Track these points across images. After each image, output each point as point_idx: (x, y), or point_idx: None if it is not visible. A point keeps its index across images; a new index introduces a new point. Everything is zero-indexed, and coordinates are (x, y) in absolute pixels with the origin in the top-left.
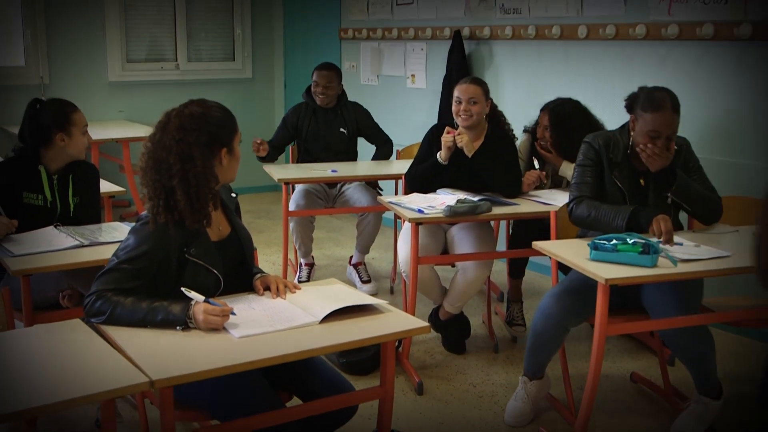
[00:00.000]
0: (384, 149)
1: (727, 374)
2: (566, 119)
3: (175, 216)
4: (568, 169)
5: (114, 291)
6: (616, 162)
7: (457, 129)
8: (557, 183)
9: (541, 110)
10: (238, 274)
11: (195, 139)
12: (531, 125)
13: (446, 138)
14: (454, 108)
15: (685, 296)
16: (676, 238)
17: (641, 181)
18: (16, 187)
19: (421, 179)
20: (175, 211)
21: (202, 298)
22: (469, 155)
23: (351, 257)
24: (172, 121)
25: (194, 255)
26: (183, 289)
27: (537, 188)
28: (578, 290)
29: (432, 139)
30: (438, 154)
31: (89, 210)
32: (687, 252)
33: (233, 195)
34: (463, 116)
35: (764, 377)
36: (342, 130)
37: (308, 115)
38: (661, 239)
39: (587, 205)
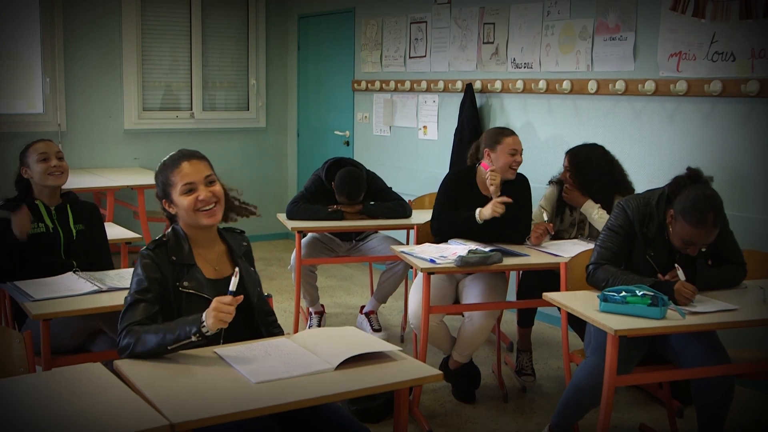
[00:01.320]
0: (401, 203)
1: (734, 426)
2: (585, 160)
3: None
4: (590, 209)
5: (137, 323)
6: (650, 237)
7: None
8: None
9: (565, 154)
10: (243, 316)
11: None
12: (557, 176)
13: (496, 203)
14: (506, 160)
15: (715, 343)
16: None
17: (676, 257)
18: None
19: (450, 230)
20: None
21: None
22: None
23: (362, 306)
24: None
25: (187, 287)
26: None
27: (556, 238)
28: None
29: (453, 187)
30: (478, 211)
31: (97, 240)
32: (695, 305)
33: (245, 243)
34: (514, 167)
35: None
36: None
37: (326, 198)
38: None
39: (604, 271)
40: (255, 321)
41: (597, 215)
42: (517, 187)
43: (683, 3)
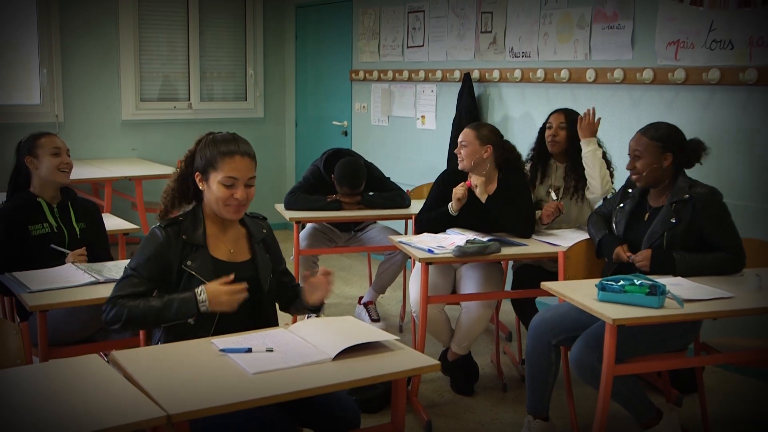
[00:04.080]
0: (399, 194)
1: (730, 414)
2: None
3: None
4: (591, 144)
5: (126, 297)
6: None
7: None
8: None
9: (552, 113)
10: (251, 302)
11: (188, 158)
12: (530, 153)
13: (458, 190)
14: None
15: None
16: (675, 280)
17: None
18: (22, 223)
19: (430, 226)
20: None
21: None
22: (482, 199)
23: (361, 297)
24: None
25: (190, 267)
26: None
27: (557, 218)
28: (557, 307)
29: (443, 184)
30: (449, 205)
31: (97, 238)
32: (689, 292)
33: (264, 230)
34: (458, 158)
35: None
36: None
37: (324, 189)
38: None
39: (590, 218)
40: (261, 309)
41: (594, 151)
42: (512, 182)
43: None
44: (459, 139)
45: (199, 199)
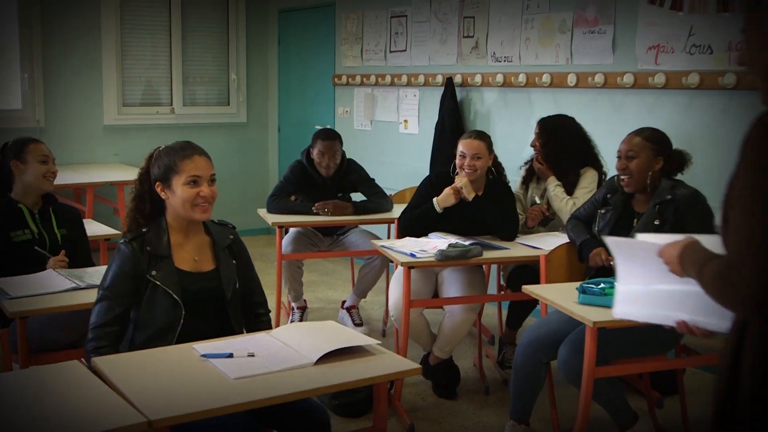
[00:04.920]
0: (386, 199)
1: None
2: (554, 129)
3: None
4: (550, 183)
5: (106, 325)
6: (608, 202)
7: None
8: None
9: (537, 122)
10: (216, 310)
11: (145, 172)
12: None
13: (451, 189)
14: (458, 161)
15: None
16: None
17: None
18: (3, 229)
19: (414, 224)
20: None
21: None
22: (470, 198)
23: (344, 301)
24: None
25: (155, 277)
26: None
27: (542, 223)
28: (550, 323)
29: (430, 186)
30: (435, 200)
31: (78, 245)
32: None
33: (231, 237)
34: (467, 171)
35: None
36: (339, 194)
37: (308, 182)
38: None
39: (570, 221)
40: (228, 316)
41: (553, 190)
42: (497, 188)
43: None
44: (471, 152)
45: (161, 212)
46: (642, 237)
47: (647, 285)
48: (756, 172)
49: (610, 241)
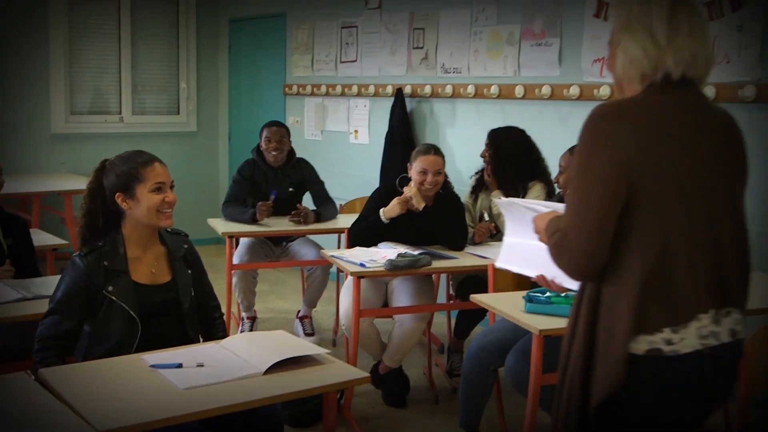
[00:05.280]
0: (330, 210)
1: None
2: (504, 141)
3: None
4: (494, 196)
5: (53, 337)
6: None
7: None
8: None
9: (487, 134)
10: (174, 321)
11: (98, 185)
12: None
13: (398, 200)
14: (418, 178)
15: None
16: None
17: None
18: None
19: (363, 236)
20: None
21: None
22: (420, 207)
23: (299, 311)
24: (97, 169)
25: (111, 292)
26: None
27: (490, 238)
28: (497, 331)
29: (379, 198)
30: (381, 211)
31: (25, 255)
32: None
33: (185, 246)
34: (428, 187)
35: None
36: (291, 189)
37: (260, 175)
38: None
39: None
40: (185, 326)
41: (494, 204)
42: (447, 198)
43: (606, 10)
44: (434, 168)
45: (115, 226)
46: (529, 202)
47: (524, 240)
48: (581, 155)
49: (503, 202)
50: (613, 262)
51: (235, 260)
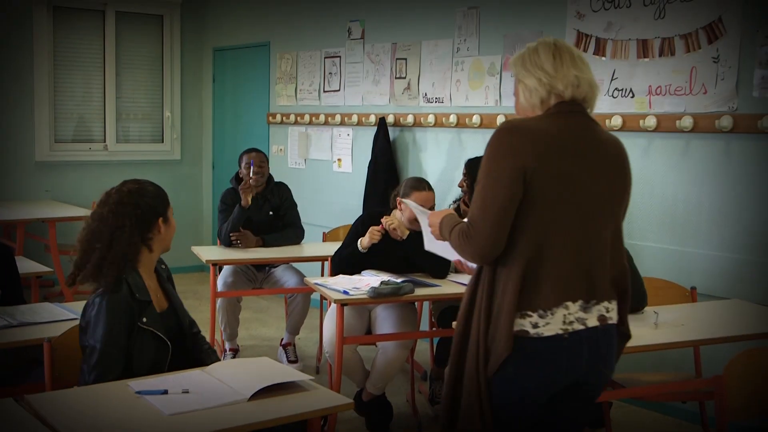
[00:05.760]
0: (296, 232)
1: None
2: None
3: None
4: None
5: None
6: None
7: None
8: None
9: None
10: (182, 345)
11: (130, 212)
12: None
13: (374, 230)
14: (409, 215)
15: None
16: None
17: None
18: None
19: (343, 264)
20: (97, 276)
21: None
22: (404, 236)
23: (282, 338)
24: (112, 197)
25: (147, 324)
26: None
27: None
28: None
29: (362, 227)
30: (359, 241)
31: (10, 282)
32: None
33: (164, 266)
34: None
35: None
36: (270, 213)
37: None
38: None
39: None
40: (186, 346)
41: None
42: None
43: (585, 41)
44: (428, 204)
45: (132, 257)
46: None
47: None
48: (487, 159)
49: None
50: (506, 251)
51: (219, 284)
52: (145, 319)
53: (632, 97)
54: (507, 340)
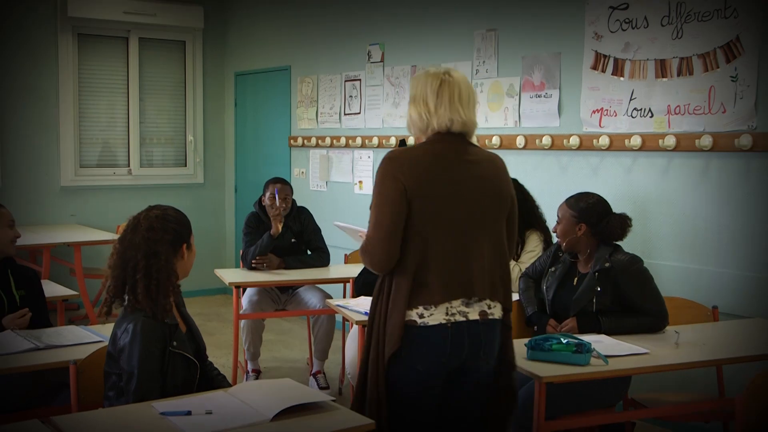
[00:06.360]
0: (321, 256)
1: None
2: None
3: (143, 309)
4: None
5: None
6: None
7: None
8: None
9: None
10: (202, 368)
11: (161, 237)
12: None
13: None
14: None
15: None
16: (596, 337)
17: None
18: None
19: (367, 286)
20: (138, 305)
21: None
22: None
23: (311, 366)
24: (142, 223)
25: (176, 347)
26: None
27: None
28: None
29: None
30: None
31: (36, 306)
32: (609, 348)
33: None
34: None
35: None
36: (293, 240)
37: (265, 227)
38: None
39: (523, 280)
40: (206, 373)
41: None
42: None
43: (603, 62)
44: None
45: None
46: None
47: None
48: (375, 185)
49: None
50: (400, 260)
51: (244, 301)
52: (175, 343)
53: (651, 116)
54: (399, 332)
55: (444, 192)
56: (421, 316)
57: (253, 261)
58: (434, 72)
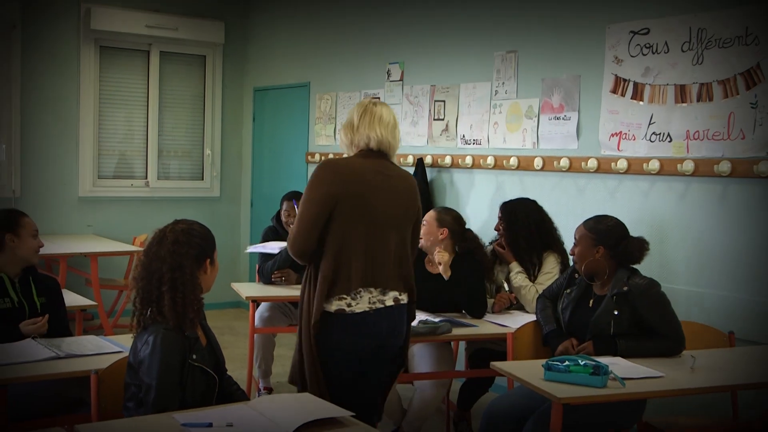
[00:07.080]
0: None
1: None
2: (515, 212)
3: (167, 321)
4: (513, 268)
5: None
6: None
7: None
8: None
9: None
10: (221, 381)
11: (186, 251)
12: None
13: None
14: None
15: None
16: (613, 359)
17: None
18: None
19: None
20: (162, 317)
21: None
22: (446, 276)
23: None
24: (168, 236)
25: (197, 360)
26: None
27: (508, 307)
28: (512, 396)
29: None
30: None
31: (57, 314)
32: (625, 371)
33: None
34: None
35: None
36: None
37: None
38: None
39: (541, 301)
40: (225, 386)
41: (515, 278)
42: (466, 264)
43: (623, 86)
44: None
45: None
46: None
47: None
48: (307, 186)
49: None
50: (323, 250)
51: (255, 318)
52: (195, 356)
53: (670, 141)
54: (319, 312)
55: (363, 195)
56: (350, 305)
57: (274, 276)
58: (362, 101)
